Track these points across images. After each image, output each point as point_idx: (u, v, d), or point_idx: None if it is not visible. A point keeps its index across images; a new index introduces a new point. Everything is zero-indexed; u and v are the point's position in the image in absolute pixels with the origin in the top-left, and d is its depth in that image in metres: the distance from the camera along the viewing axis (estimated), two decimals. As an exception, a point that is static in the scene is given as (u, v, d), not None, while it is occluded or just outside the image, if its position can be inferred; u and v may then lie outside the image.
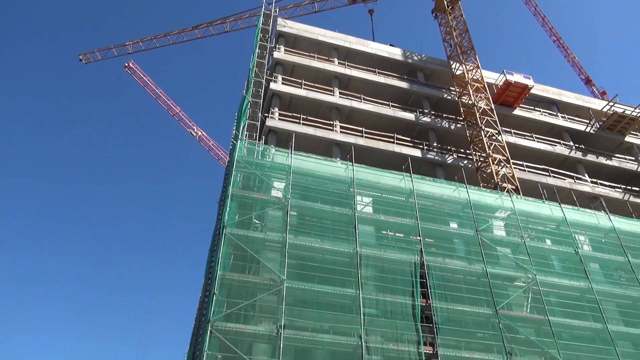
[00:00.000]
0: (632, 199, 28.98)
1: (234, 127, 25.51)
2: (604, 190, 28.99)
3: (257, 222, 19.36)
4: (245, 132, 23.39)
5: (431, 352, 16.47)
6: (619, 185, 29.96)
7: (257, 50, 27.05)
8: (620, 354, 18.23)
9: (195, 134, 53.35)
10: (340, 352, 16.22)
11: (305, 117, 26.18)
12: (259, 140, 23.98)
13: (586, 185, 28.87)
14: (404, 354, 16.29)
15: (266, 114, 25.90)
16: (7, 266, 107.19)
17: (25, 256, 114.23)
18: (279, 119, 25.76)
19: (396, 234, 20.69)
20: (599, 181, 29.59)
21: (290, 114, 26.22)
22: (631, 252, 22.32)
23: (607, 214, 23.83)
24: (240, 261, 17.61)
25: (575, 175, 29.30)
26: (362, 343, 15.75)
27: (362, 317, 16.32)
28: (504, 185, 25.17)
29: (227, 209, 17.97)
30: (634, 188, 30.34)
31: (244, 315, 16.45)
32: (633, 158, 32.65)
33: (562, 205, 23.08)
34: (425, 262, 18.67)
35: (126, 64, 50.44)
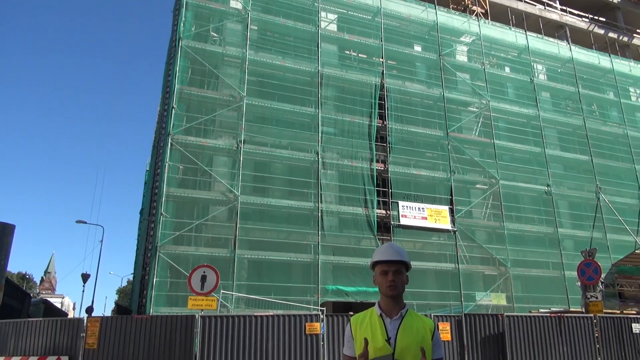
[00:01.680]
0: (596, 29, 28.96)
1: None
2: (571, 19, 28.67)
3: (215, 35, 18.39)
4: None
5: (382, 168, 17.72)
6: (586, 15, 29.60)
7: None
8: (552, 175, 20.25)
9: None
10: (297, 167, 17.15)
11: None
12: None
13: (554, 13, 28.36)
14: (357, 170, 17.46)
15: None
16: None
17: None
18: None
19: (359, 55, 20.35)
20: (568, 9, 29.05)
21: None
22: (582, 83, 23.16)
23: (568, 43, 23.93)
24: (199, 76, 17.17)
25: (546, 1, 28.50)
26: (318, 159, 16.67)
27: (320, 134, 16.98)
28: (474, 8, 24.33)
29: (183, 19, 16.86)
30: (600, 18, 30.12)
31: (204, 129, 16.69)
32: (608, -14, 31.64)
33: (528, 33, 22.87)
34: (385, 85, 18.83)
35: None
